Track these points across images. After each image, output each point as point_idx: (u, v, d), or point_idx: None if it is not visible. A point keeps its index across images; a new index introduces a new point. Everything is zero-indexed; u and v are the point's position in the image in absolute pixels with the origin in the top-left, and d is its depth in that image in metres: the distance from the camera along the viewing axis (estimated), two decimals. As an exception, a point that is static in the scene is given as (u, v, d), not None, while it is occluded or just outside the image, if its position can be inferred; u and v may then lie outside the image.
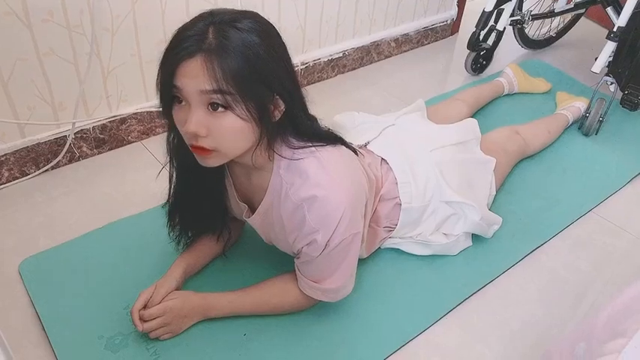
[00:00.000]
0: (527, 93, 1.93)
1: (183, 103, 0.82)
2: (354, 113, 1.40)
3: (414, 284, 1.22)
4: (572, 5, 2.03)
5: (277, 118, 0.88)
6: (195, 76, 0.78)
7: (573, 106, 1.76)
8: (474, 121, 1.42)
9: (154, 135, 1.60)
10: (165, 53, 0.82)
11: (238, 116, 0.81)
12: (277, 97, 0.85)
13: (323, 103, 1.51)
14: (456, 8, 2.24)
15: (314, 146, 0.93)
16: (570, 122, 1.73)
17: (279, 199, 0.96)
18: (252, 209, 1.06)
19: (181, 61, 0.79)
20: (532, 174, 1.57)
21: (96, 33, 1.34)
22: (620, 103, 1.65)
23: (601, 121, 1.71)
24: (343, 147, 1.01)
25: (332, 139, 0.98)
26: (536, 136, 1.58)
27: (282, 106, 0.87)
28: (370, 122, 1.35)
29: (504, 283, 1.26)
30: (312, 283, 1.03)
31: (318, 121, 0.97)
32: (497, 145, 1.42)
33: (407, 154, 1.22)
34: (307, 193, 0.91)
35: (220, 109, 0.80)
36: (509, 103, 1.88)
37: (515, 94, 1.92)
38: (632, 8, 1.57)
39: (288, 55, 0.87)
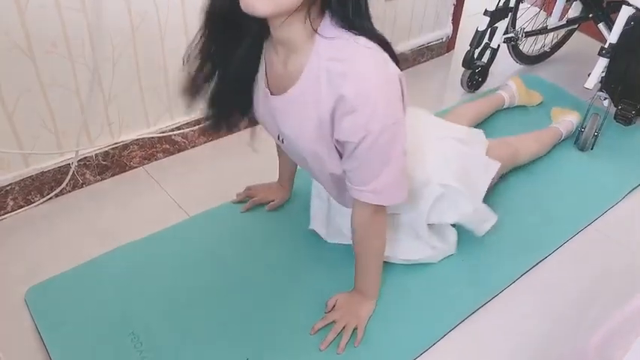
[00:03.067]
0: (522, 106, 1.95)
1: None
2: None
3: (412, 303, 1.23)
4: (564, 22, 2.07)
5: None
6: None
7: (565, 120, 1.78)
8: (480, 130, 1.47)
9: (155, 160, 1.63)
10: None
11: None
12: None
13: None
14: (451, 26, 2.27)
15: (358, 35, 0.90)
16: (563, 136, 1.75)
17: (316, 82, 0.93)
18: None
19: None
20: (529, 189, 1.59)
21: (97, 62, 1.37)
22: (614, 118, 1.68)
23: (596, 136, 1.73)
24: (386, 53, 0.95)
25: (380, 38, 0.94)
26: (526, 146, 1.61)
27: None
28: None
29: (504, 300, 1.27)
30: (362, 187, 1.00)
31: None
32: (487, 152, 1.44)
33: (415, 133, 1.21)
34: (345, 69, 0.89)
35: None
36: (504, 118, 1.90)
37: (511, 107, 1.95)
38: (623, 25, 1.60)
39: None
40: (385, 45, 0.94)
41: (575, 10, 2.08)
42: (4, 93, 1.27)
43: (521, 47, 2.15)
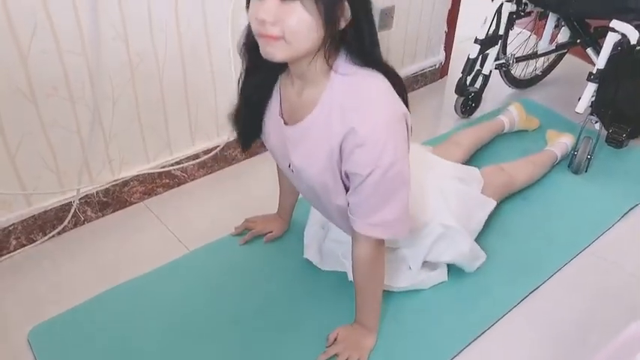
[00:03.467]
0: (521, 131, 1.98)
1: None
2: None
3: (410, 332, 1.24)
4: (553, 47, 2.11)
5: (342, 27, 0.91)
6: None
7: (559, 142, 1.81)
8: (476, 169, 1.49)
9: (155, 195, 1.65)
10: None
11: (305, 9, 0.85)
12: (346, 2, 0.89)
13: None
14: (444, 53, 2.32)
15: (372, 69, 0.96)
16: (558, 158, 1.77)
17: (329, 115, 0.97)
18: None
19: None
20: (525, 214, 1.61)
21: (98, 102, 1.40)
22: (606, 142, 1.70)
23: (589, 159, 1.75)
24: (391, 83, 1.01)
25: (389, 71, 0.99)
26: (520, 172, 1.64)
27: (349, 15, 0.90)
28: None
29: (503, 326, 1.28)
30: (365, 220, 1.03)
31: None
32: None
33: (415, 171, 1.24)
34: (358, 105, 0.94)
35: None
36: (500, 144, 1.92)
37: (509, 132, 1.97)
38: (610, 51, 1.64)
39: None
40: (397, 82, 1.00)
41: (564, 35, 2.13)
42: (7, 135, 1.30)
43: (513, 72, 2.19)
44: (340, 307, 1.27)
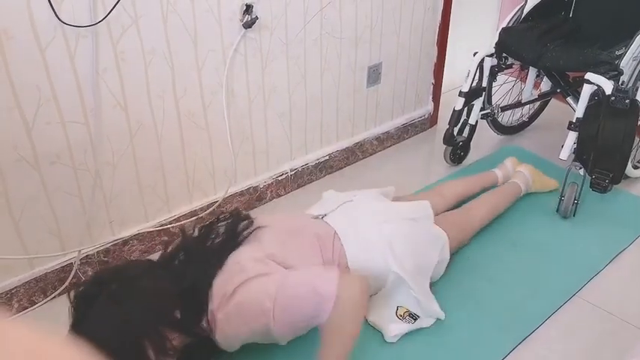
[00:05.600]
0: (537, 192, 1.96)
1: None
2: (324, 193, 1.62)
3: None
4: (536, 96, 2.20)
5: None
6: None
7: (520, 172, 1.91)
8: (426, 202, 1.54)
9: (154, 252, 1.69)
10: None
11: None
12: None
13: (313, 202, 1.65)
14: (432, 103, 2.41)
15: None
16: (522, 191, 1.87)
17: None
18: None
19: None
20: (514, 260, 1.64)
21: (98, 167, 1.47)
22: (590, 187, 1.75)
23: (576, 204, 1.80)
24: None
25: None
26: (481, 205, 1.75)
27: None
28: (333, 198, 1.56)
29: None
30: None
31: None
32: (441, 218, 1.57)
33: (358, 228, 1.39)
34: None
35: None
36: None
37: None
38: (587, 101, 1.72)
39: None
40: None
41: (546, 84, 2.22)
42: (12, 202, 1.36)
43: (499, 119, 2.27)
44: None
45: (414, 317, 1.39)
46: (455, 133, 2.06)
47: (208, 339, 1.16)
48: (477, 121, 2.08)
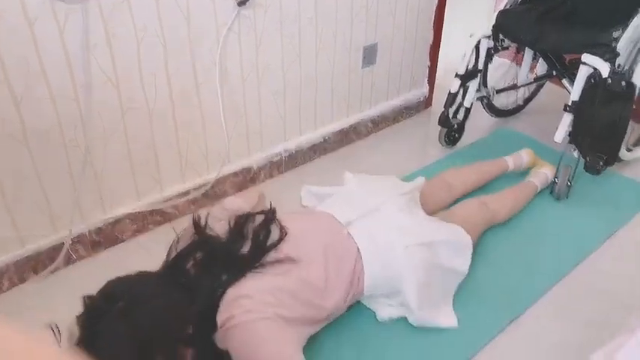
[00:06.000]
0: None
1: None
2: (348, 175, 1.52)
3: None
4: (532, 79, 2.19)
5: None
6: None
7: (539, 172, 1.86)
8: (461, 230, 1.44)
9: (147, 232, 1.68)
10: None
11: None
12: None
13: (309, 182, 1.64)
14: (427, 85, 2.39)
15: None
16: (538, 189, 1.82)
17: None
18: None
19: None
20: (509, 243, 1.64)
21: (89, 144, 1.45)
22: (584, 169, 1.75)
23: (569, 186, 1.80)
24: None
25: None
26: (503, 206, 1.68)
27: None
28: (359, 195, 1.44)
29: (490, 353, 1.31)
30: None
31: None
32: (463, 220, 1.49)
33: (380, 247, 1.31)
34: None
35: None
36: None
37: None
38: (583, 83, 1.71)
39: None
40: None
41: (542, 67, 2.20)
42: (2, 180, 1.34)
43: (494, 102, 2.26)
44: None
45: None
46: (450, 115, 2.05)
47: (223, 353, 1.12)
48: (472, 104, 2.07)
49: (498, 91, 2.11)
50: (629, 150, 2.00)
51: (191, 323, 1.08)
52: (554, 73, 2.03)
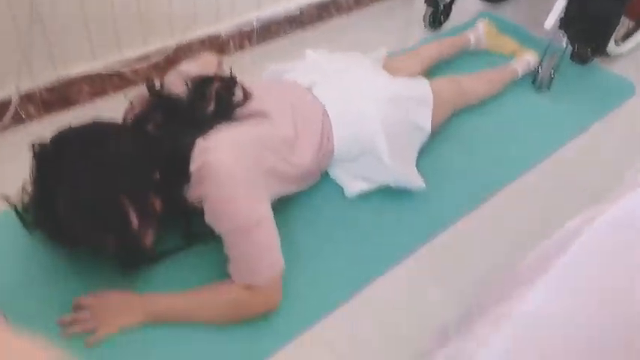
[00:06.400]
0: (492, 52, 1.90)
1: None
2: (308, 51, 1.45)
3: (358, 236, 1.27)
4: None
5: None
6: None
7: (522, 59, 1.78)
8: (425, 81, 1.43)
9: (105, 95, 1.57)
10: None
11: None
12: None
13: (283, 58, 1.52)
14: (416, -39, 2.20)
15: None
16: (519, 75, 1.75)
17: None
18: None
19: None
20: (480, 128, 1.60)
21: (35, -10, 1.29)
22: (571, 58, 1.68)
23: (552, 77, 1.74)
24: None
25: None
26: (477, 86, 1.62)
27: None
28: (321, 62, 1.39)
29: (457, 229, 1.32)
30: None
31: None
32: (433, 94, 1.41)
33: (349, 101, 1.27)
34: None
35: None
36: (464, 57, 1.87)
37: (478, 50, 1.90)
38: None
39: None
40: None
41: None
42: None
43: (485, -15, 2.11)
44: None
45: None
46: (438, -7, 1.90)
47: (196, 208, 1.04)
48: (462, -18, 1.92)
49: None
50: (617, 44, 1.92)
51: (157, 167, 1.01)
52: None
